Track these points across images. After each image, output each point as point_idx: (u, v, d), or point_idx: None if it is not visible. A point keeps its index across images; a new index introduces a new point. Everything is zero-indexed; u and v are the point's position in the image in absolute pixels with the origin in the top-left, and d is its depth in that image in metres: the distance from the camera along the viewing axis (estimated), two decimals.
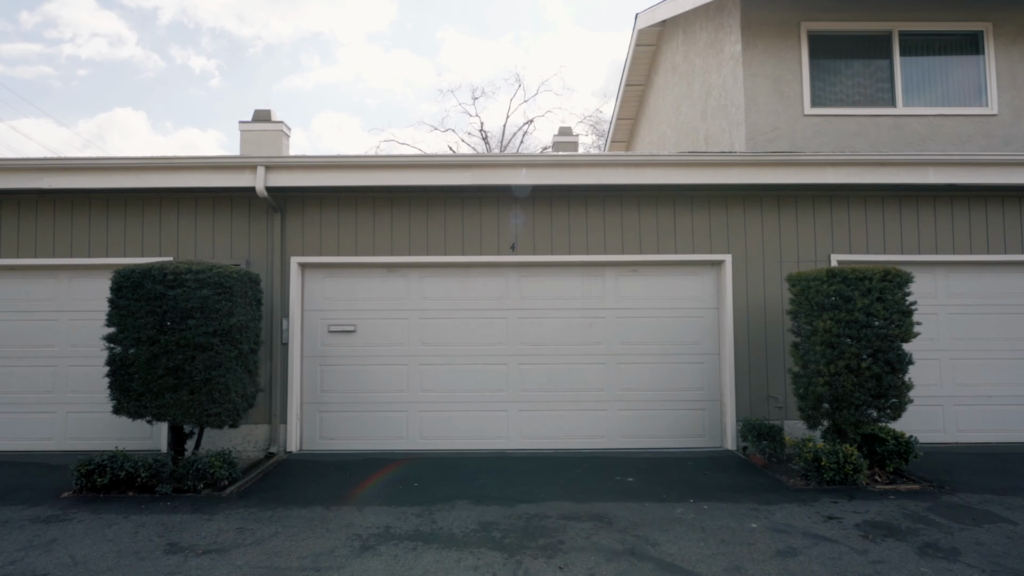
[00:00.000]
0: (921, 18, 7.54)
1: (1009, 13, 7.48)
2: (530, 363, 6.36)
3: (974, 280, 6.46)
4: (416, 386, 6.33)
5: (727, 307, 6.23)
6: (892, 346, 4.90)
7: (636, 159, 6.07)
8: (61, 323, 6.30)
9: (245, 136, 8.80)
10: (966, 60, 7.63)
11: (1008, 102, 7.45)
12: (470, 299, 6.40)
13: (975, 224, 6.39)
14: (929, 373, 6.26)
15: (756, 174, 6.02)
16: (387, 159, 6.26)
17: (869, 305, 4.86)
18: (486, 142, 26.87)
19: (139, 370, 4.77)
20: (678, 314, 6.39)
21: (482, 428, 6.29)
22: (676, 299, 6.40)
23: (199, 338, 4.76)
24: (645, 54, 10.97)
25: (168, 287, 4.77)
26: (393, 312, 6.37)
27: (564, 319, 6.38)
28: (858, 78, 7.59)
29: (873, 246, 6.35)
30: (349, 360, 6.33)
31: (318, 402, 6.30)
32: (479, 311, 6.39)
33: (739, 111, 7.51)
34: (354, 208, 6.34)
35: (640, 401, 6.32)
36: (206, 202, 6.30)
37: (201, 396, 4.82)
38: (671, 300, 6.40)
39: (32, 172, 5.97)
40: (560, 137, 12.13)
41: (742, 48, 7.44)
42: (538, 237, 6.33)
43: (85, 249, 6.25)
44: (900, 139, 7.37)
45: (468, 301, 6.40)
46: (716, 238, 6.34)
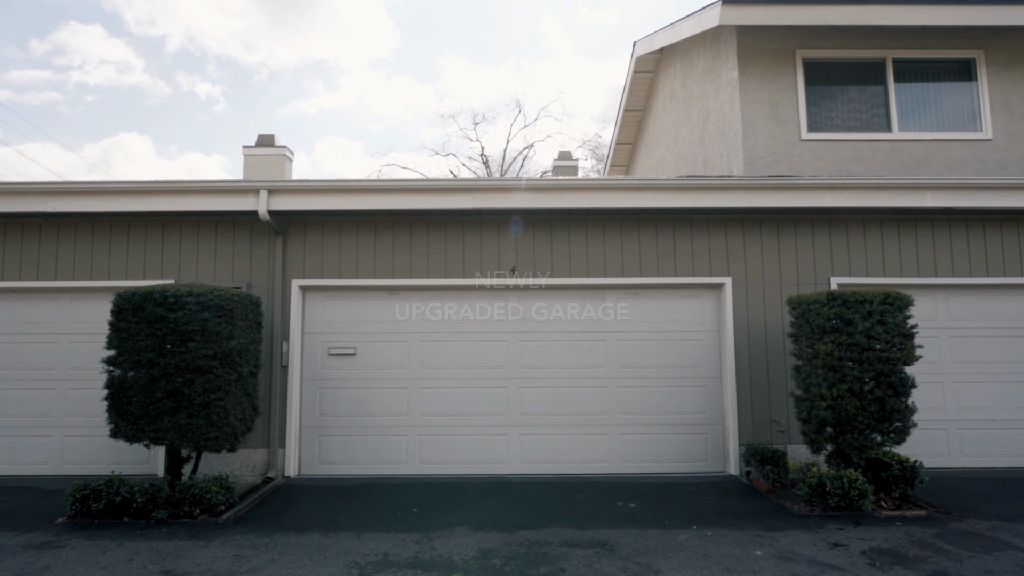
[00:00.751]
0: (913, 46, 7.68)
1: (999, 41, 7.63)
2: (531, 386, 6.32)
3: (974, 303, 6.47)
4: (416, 410, 6.29)
5: (728, 330, 6.22)
6: (894, 369, 4.88)
7: (635, 183, 6.13)
8: (61, 345, 6.29)
9: (248, 160, 8.90)
10: (959, 86, 7.75)
11: (1002, 127, 7.54)
12: (471, 322, 6.40)
13: (974, 247, 6.42)
14: (932, 397, 6.22)
15: (754, 198, 6.07)
16: (388, 183, 6.32)
17: (870, 328, 4.86)
18: (487, 166, 27.14)
19: (138, 393, 4.75)
20: (679, 337, 6.38)
21: (482, 452, 6.23)
22: (677, 322, 6.40)
23: (199, 361, 4.75)
24: (643, 81, 11.15)
25: (169, 310, 4.78)
26: (393, 335, 6.37)
27: (565, 342, 6.37)
28: (853, 103, 7.71)
29: (873, 269, 6.37)
30: (349, 383, 6.30)
31: (317, 426, 6.26)
32: (480, 334, 6.38)
33: (737, 136, 7.61)
34: (355, 231, 6.38)
35: (642, 425, 6.27)
36: (208, 225, 6.35)
37: (199, 420, 4.79)
38: (672, 323, 6.40)
39: (37, 196, 6.03)
40: (560, 161, 12.25)
41: (739, 75, 7.57)
42: (538, 260, 6.35)
43: (87, 272, 6.27)
44: (896, 163, 7.45)
45: (468, 324, 6.40)
46: (716, 261, 6.36)
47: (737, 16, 7.28)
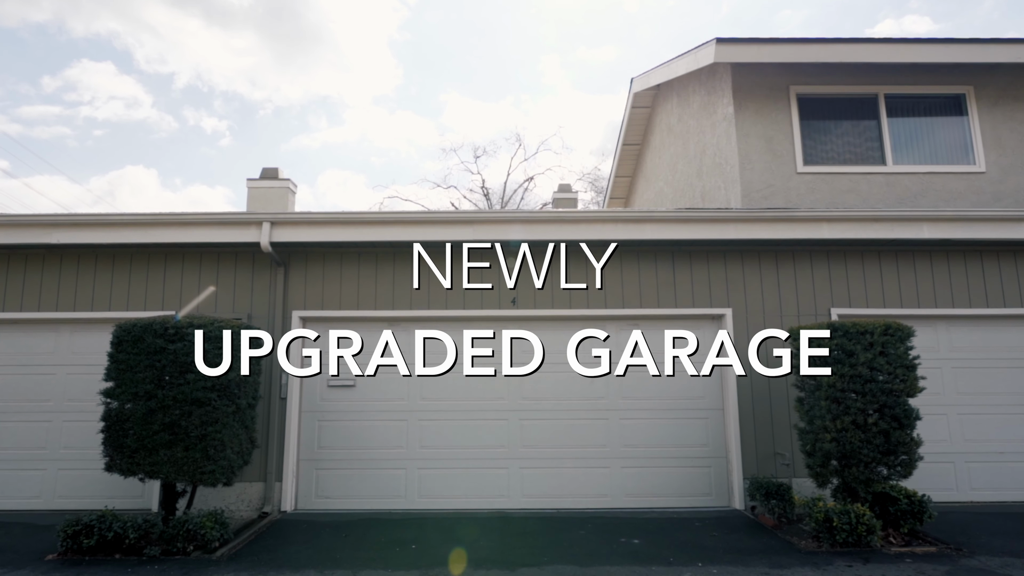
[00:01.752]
0: (904, 82, 7.87)
1: (987, 78, 7.81)
2: (531, 418, 6.26)
3: (976, 334, 6.45)
4: (415, 442, 6.21)
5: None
6: (898, 401, 4.84)
7: (635, 215, 6.20)
8: (59, 377, 6.26)
9: (252, 193, 9.01)
10: (951, 120, 7.91)
11: (995, 160, 7.66)
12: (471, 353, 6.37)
13: (972, 278, 6.44)
14: (937, 429, 6.15)
15: (752, 230, 6.12)
16: (389, 215, 6.39)
17: (872, 359, 4.84)
18: (488, 199, 27.43)
19: (134, 425, 4.70)
20: (680, 368, 6.34)
21: (482, 486, 6.12)
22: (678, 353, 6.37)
23: (196, 393, 4.71)
24: (641, 115, 11.38)
25: (169, 341, 4.77)
26: (393, 367, 6.33)
27: (565, 373, 6.33)
28: (848, 137, 7.85)
29: (872, 300, 6.38)
30: (348, 415, 6.24)
31: (315, 459, 6.17)
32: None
33: (734, 169, 7.72)
34: (356, 263, 6.42)
35: (644, 458, 6.18)
36: (211, 257, 6.39)
37: (196, 453, 4.72)
38: (673, 354, 6.37)
39: (41, 228, 6.09)
40: (560, 194, 12.40)
41: (734, 110, 7.73)
42: (538, 292, 6.37)
43: (88, 303, 6.28)
44: (892, 196, 7.54)
45: (469, 355, 6.36)
46: (716, 292, 6.37)
47: (731, 54, 7.48)
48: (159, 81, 39.73)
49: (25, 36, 36.20)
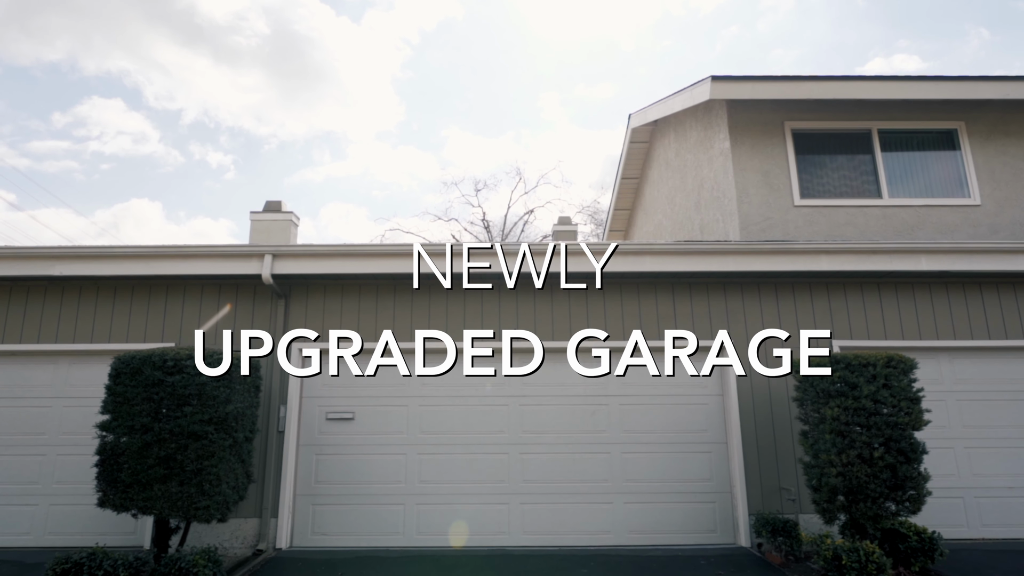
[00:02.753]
0: (897, 118, 8.04)
1: (978, 113, 7.98)
2: (532, 452, 6.17)
3: (979, 366, 6.41)
4: (414, 477, 6.10)
5: (731, 394, 6.14)
6: (904, 435, 4.78)
7: (634, 248, 6.24)
8: (55, 409, 6.19)
9: (255, 225, 9.10)
10: (945, 154, 8.04)
11: (989, 194, 7.76)
12: (471, 385, 6.32)
13: (973, 310, 6.44)
14: (944, 463, 6.05)
15: (751, 262, 6.15)
16: (390, 248, 6.43)
17: (876, 392, 4.80)
18: (488, 231, 27.65)
19: (129, 459, 4.63)
20: (682, 401, 6.28)
21: (482, 522, 5.99)
22: (680, 385, 6.32)
23: (193, 426, 4.66)
24: (639, 150, 11.58)
25: (167, 373, 4.74)
26: (392, 399, 6.28)
27: (566, 405, 6.27)
28: (843, 171, 7.97)
29: (874, 332, 6.36)
30: (346, 449, 6.15)
31: (312, 494, 6.05)
32: (480, 397, 6.29)
33: (731, 203, 7.81)
34: (357, 294, 6.43)
35: (647, 493, 6.06)
36: (212, 289, 6.41)
37: (191, 488, 4.64)
38: (675, 386, 6.32)
39: (44, 260, 6.12)
40: (560, 226, 12.51)
41: (731, 145, 7.87)
42: (539, 323, 6.36)
43: (88, 335, 6.27)
44: (889, 228, 7.61)
45: (469, 387, 6.32)
46: (716, 325, 6.36)
47: (726, 91, 7.66)
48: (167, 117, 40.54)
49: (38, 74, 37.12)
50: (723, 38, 40.48)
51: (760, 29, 39.32)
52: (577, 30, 41.15)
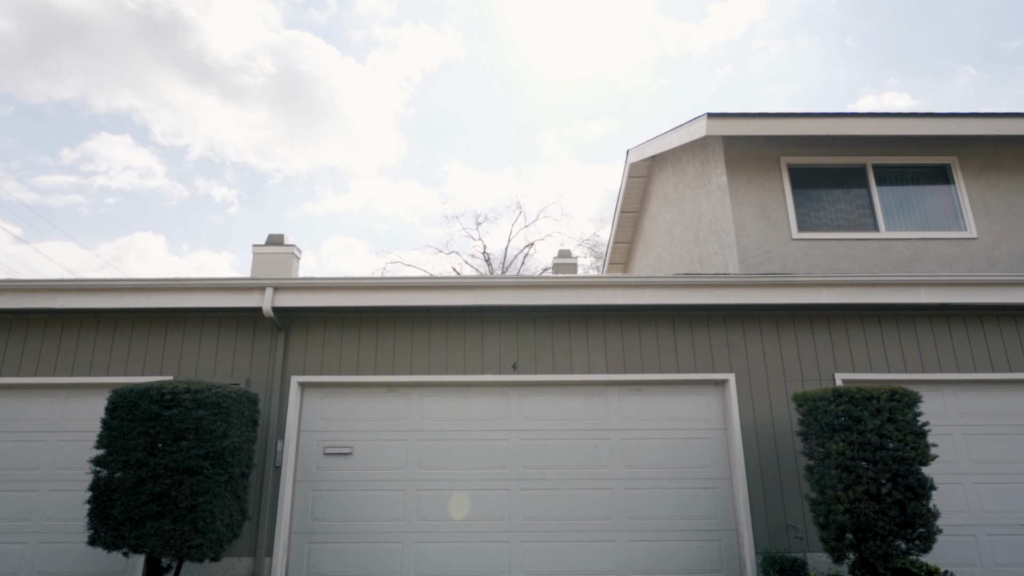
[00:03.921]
0: (891, 153, 8.17)
1: (971, 149, 8.12)
2: (533, 488, 6.05)
3: (984, 399, 6.35)
4: (413, 514, 5.97)
5: (735, 428, 6.07)
6: (911, 470, 4.70)
7: (634, 281, 6.26)
8: (50, 444, 6.11)
9: (257, 258, 9.16)
10: (939, 188, 8.14)
11: (986, 227, 7.83)
12: (471, 419, 6.25)
13: (975, 343, 6.41)
14: (954, 499, 5.93)
15: (751, 295, 6.17)
16: (392, 281, 6.46)
17: (880, 426, 4.74)
18: (489, 264, 27.77)
19: (122, 496, 4.55)
20: (685, 435, 6.20)
21: (482, 562, 5.83)
22: (682, 419, 6.25)
23: (189, 461, 4.59)
24: (637, 185, 11.74)
25: (164, 407, 4.70)
26: (391, 433, 6.20)
27: (568, 440, 6.18)
28: (840, 204, 8.06)
29: (876, 365, 6.32)
30: (344, 485, 6.04)
31: (308, 531, 5.91)
32: (480, 432, 6.21)
33: (730, 236, 7.88)
34: (357, 327, 6.42)
35: (651, 531, 5.92)
36: (212, 321, 6.40)
37: (184, 525, 4.55)
38: (677, 420, 6.25)
39: (46, 292, 6.14)
40: (560, 259, 12.59)
41: (728, 180, 7.98)
42: (539, 357, 6.33)
43: (86, 367, 6.24)
44: (887, 261, 7.65)
45: (469, 422, 6.25)
46: (718, 357, 6.33)
47: (722, 128, 7.82)
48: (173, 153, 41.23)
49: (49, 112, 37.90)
50: (717, 77, 41.51)
51: (753, 69, 40.34)
52: (575, 70, 42.25)
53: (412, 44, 40.21)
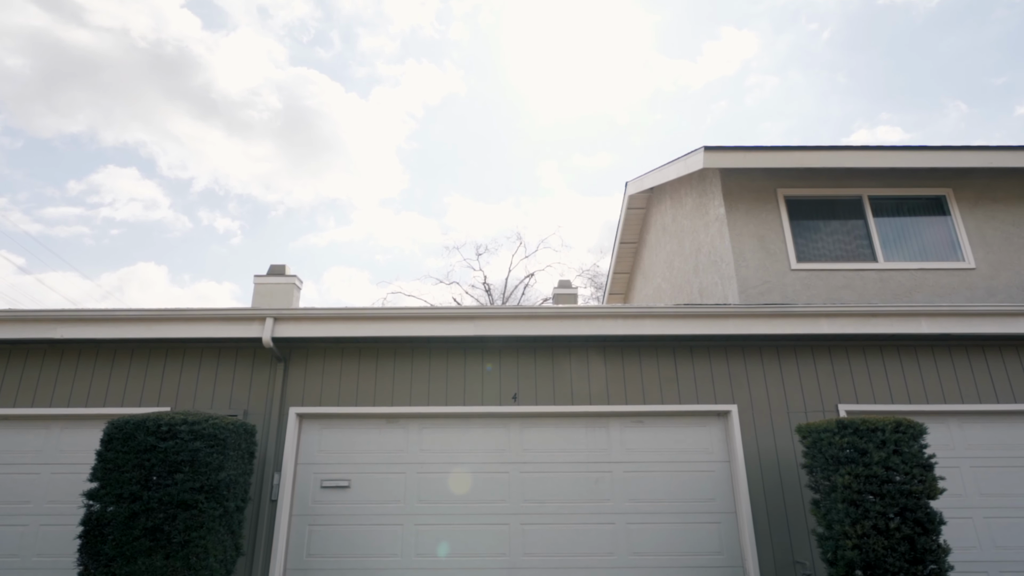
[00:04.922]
0: (887, 185, 8.28)
1: (965, 180, 8.23)
2: (533, 523, 5.93)
3: (990, 431, 6.26)
4: (411, 550, 5.83)
5: (738, 460, 5.97)
6: (919, 504, 4.61)
7: (634, 311, 6.26)
8: (43, 476, 6.01)
9: (258, 288, 9.19)
10: (936, 219, 8.22)
11: (983, 257, 7.87)
12: (470, 451, 6.17)
13: (978, 373, 6.37)
14: (964, 534, 5.79)
15: (751, 325, 6.15)
16: (392, 311, 6.46)
17: (886, 459, 4.67)
18: (489, 294, 27.82)
19: (114, 530, 4.45)
20: (688, 468, 6.10)
21: None
22: (684, 452, 6.16)
23: (184, 494, 4.51)
24: (636, 216, 11.85)
25: (161, 439, 4.64)
26: (390, 465, 6.10)
27: (569, 473, 6.08)
28: (838, 235, 8.12)
29: (880, 396, 6.26)
30: (340, 519, 5.92)
31: (304, 568, 5.76)
32: (479, 464, 6.12)
33: (729, 267, 7.91)
34: (357, 358, 6.39)
35: (656, 568, 5.77)
36: (211, 352, 6.38)
37: (176, 561, 4.44)
38: (679, 453, 6.16)
39: (46, 323, 6.13)
40: (560, 290, 12.62)
41: (726, 211, 8.07)
42: (540, 388, 6.28)
43: (83, 398, 6.19)
44: (887, 291, 7.66)
45: (468, 454, 6.16)
46: (720, 388, 6.28)
47: (719, 160, 7.94)
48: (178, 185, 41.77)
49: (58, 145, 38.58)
50: (713, 112, 42.36)
51: (748, 103, 41.21)
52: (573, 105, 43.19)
53: (414, 80, 41.21)
